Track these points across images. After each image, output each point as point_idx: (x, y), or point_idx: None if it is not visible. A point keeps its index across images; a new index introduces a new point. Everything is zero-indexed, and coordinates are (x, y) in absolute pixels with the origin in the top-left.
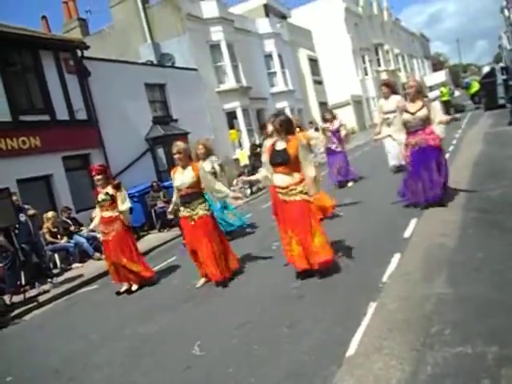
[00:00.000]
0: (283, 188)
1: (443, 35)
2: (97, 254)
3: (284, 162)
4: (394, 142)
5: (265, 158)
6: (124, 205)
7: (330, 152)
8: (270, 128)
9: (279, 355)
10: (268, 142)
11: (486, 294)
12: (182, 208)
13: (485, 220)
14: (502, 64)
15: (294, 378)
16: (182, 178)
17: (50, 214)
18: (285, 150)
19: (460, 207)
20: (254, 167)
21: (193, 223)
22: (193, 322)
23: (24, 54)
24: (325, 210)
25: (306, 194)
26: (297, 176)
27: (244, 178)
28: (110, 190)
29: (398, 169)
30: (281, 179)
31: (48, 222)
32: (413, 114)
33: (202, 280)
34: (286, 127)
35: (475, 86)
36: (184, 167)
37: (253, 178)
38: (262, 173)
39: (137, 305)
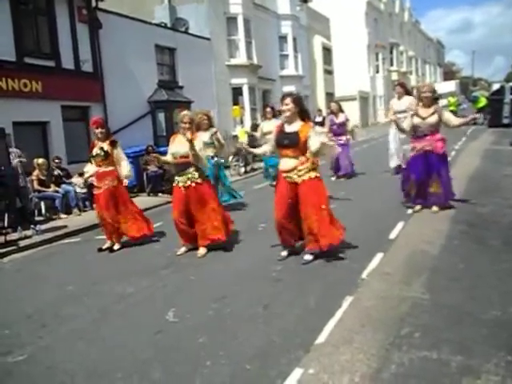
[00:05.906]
0: (289, 171)
1: (463, 44)
2: (75, 210)
3: (293, 144)
4: (398, 141)
5: (271, 137)
6: (126, 169)
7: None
8: (285, 105)
9: (250, 333)
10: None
11: (460, 304)
12: (176, 176)
13: (471, 234)
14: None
15: (262, 357)
16: (179, 146)
17: (41, 160)
18: (296, 133)
19: (449, 218)
20: (250, 147)
21: (183, 190)
22: (170, 288)
23: None
24: None
25: (314, 170)
26: (302, 158)
27: (248, 148)
28: (105, 145)
29: (397, 171)
30: (286, 162)
31: (38, 168)
32: (424, 118)
33: (183, 248)
34: (301, 106)
35: (482, 102)
36: (184, 135)
37: (257, 150)
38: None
39: (116, 264)
